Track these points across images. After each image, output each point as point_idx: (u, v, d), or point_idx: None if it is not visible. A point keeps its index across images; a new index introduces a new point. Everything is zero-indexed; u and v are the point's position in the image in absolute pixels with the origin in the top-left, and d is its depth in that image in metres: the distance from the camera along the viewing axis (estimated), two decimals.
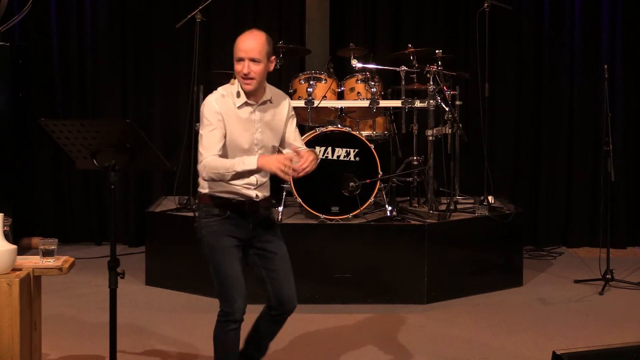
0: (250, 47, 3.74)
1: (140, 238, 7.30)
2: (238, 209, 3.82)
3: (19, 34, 7.48)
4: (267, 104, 3.86)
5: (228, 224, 3.81)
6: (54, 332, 5.03)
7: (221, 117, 3.74)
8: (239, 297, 3.74)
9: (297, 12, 7.60)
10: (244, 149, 3.78)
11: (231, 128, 3.76)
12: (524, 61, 7.66)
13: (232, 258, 3.79)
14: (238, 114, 3.78)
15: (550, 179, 7.69)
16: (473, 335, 5.18)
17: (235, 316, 3.75)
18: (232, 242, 3.80)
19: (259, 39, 3.76)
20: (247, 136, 3.79)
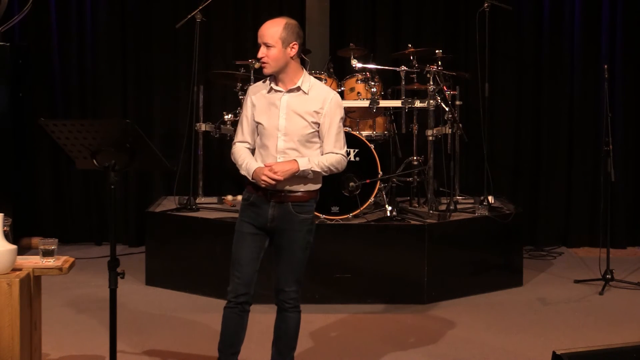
0: (265, 32, 3.91)
1: (140, 238, 7.30)
2: (262, 197, 3.89)
3: (19, 34, 7.48)
4: (299, 92, 3.88)
5: (249, 210, 3.94)
6: (54, 332, 5.03)
7: (252, 103, 3.94)
8: (235, 280, 3.94)
9: (297, 12, 7.59)
10: (268, 133, 3.86)
11: (259, 113, 3.90)
12: (524, 61, 7.66)
13: (243, 243, 3.93)
14: (267, 99, 3.91)
15: (550, 179, 7.69)
16: (473, 335, 5.18)
17: (229, 295, 3.95)
18: (248, 229, 3.93)
19: (275, 25, 3.92)
20: (271, 122, 3.87)
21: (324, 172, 3.92)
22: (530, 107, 7.68)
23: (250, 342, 4.97)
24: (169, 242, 6.25)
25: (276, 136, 3.85)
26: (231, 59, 7.22)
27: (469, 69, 6.98)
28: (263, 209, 3.89)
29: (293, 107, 3.86)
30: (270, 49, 3.85)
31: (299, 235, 3.93)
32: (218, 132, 6.62)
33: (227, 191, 7.15)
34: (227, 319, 3.98)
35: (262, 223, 3.91)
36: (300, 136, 3.86)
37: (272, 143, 3.86)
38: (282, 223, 3.90)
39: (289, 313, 4.02)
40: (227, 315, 3.98)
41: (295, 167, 3.82)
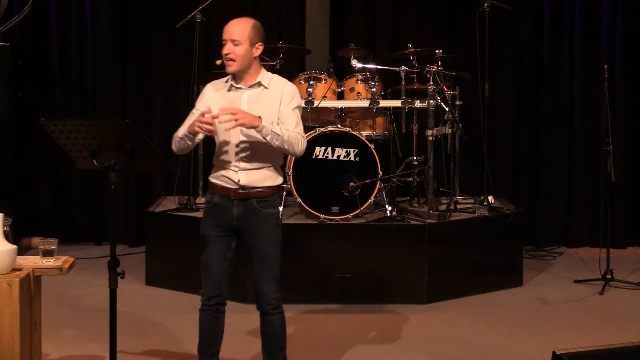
0: (233, 29, 3.91)
1: (140, 238, 7.30)
2: (224, 196, 3.91)
3: (19, 34, 7.48)
4: (259, 87, 3.92)
5: (213, 211, 3.96)
6: (54, 332, 5.03)
7: (210, 99, 3.94)
8: (206, 283, 4.00)
9: (297, 12, 7.60)
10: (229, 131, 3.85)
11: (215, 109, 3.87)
12: (524, 61, 7.66)
13: (209, 248, 3.97)
14: (227, 97, 3.92)
15: (550, 179, 7.69)
16: (473, 335, 5.18)
17: (202, 298, 4.02)
18: (214, 231, 3.95)
19: (244, 24, 3.95)
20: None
21: (283, 141, 3.78)
22: (530, 107, 7.68)
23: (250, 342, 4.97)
24: (169, 242, 6.25)
25: (238, 131, 3.85)
26: None
27: (469, 69, 6.98)
28: (227, 208, 3.90)
29: (254, 103, 3.89)
30: (237, 47, 3.86)
31: (266, 230, 3.92)
32: None
33: None
34: (203, 321, 4.05)
35: (227, 223, 3.92)
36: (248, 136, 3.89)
37: (234, 138, 3.87)
38: (248, 221, 3.90)
39: (272, 316, 4.01)
40: (203, 317, 4.04)
41: (258, 121, 3.73)
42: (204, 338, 4.06)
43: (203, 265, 4.00)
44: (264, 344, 4.09)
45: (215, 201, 3.93)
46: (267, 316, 4.01)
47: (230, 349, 4.83)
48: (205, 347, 4.06)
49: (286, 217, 6.08)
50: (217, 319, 4.04)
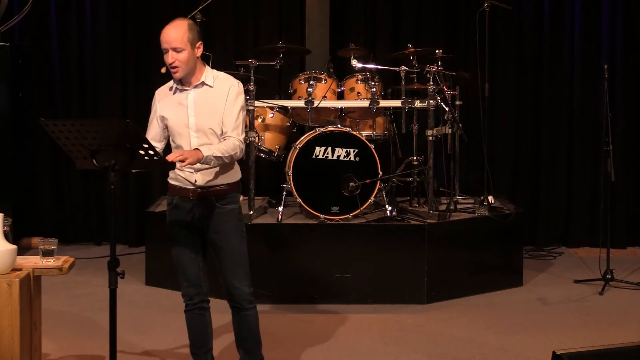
0: (171, 37, 3.88)
1: (140, 238, 7.30)
2: (183, 197, 3.95)
3: (19, 34, 7.48)
4: (203, 87, 3.93)
5: (175, 212, 4.00)
6: (54, 332, 5.03)
7: (157, 106, 3.98)
8: (185, 283, 4.04)
9: (297, 12, 7.60)
10: (180, 132, 3.90)
11: (167, 114, 3.93)
12: (524, 61, 7.66)
13: (179, 247, 4.02)
14: (173, 100, 3.94)
15: (550, 179, 7.69)
16: (473, 335, 5.18)
17: (184, 299, 4.05)
18: (180, 231, 4.00)
19: (180, 28, 3.90)
20: (181, 120, 3.90)
21: (224, 159, 3.82)
22: (530, 107, 7.68)
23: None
24: (169, 242, 6.22)
25: (188, 134, 3.88)
26: (231, 59, 7.21)
27: (469, 69, 6.98)
28: (187, 208, 3.94)
29: (200, 103, 3.90)
30: (180, 53, 3.85)
31: (229, 226, 3.95)
32: None
33: None
34: (190, 321, 4.07)
35: (189, 222, 3.96)
36: (212, 131, 3.89)
37: (185, 142, 3.89)
38: (209, 218, 3.94)
39: (248, 312, 4.03)
40: (189, 318, 4.07)
41: (200, 154, 3.74)
42: (194, 338, 4.08)
43: (178, 268, 4.04)
44: (240, 341, 4.09)
45: (176, 202, 3.98)
46: (243, 312, 4.03)
47: (227, 348, 4.83)
48: (198, 346, 4.08)
49: (286, 217, 6.08)
50: (204, 317, 4.06)
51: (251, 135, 6.12)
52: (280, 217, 5.95)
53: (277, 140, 6.53)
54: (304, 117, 6.39)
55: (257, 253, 5.80)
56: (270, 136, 6.50)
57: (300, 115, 6.50)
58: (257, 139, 6.27)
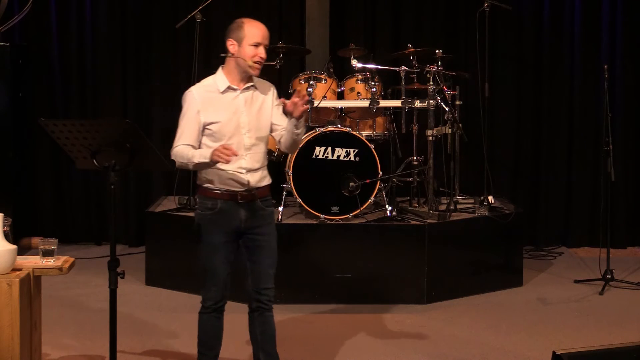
0: (268, 34, 3.92)
1: (140, 238, 7.29)
2: (228, 201, 3.88)
3: (19, 34, 7.48)
4: (252, 89, 3.93)
5: (219, 218, 3.90)
6: (54, 332, 5.03)
7: (199, 107, 3.88)
8: (212, 288, 3.96)
9: (297, 12, 7.59)
10: (232, 133, 3.85)
11: (216, 115, 3.85)
12: (524, 61, 7.66)
13: (216, 254, 3.94)
14: (222, 101, 3.88)
15: (550, 179, 7.69)
16: (473, 335, 5.18)
17: (206, 303, 3.99)
18: (220, 239, 3.91)
19: None
20: (234, 121, 3.87)
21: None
22: (530, 107, 7.68)
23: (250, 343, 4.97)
24: (169, 242, 6.25)
25: (241, 134, 3.86)
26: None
27: (469, 69, 6.98)
28: (234, 212, 3.88)
29: (251, 103, 3.91)
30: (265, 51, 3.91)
31: (271, 228, 3.99)
32: None
33: None
34: (207, 325, 4.03)
35: (234, 227, 3.90)
36: (261, 131, 3.92)
37: (237, 142, 3.86)
38: (254, 221, 3.92)
39: (269, 312, 4.03)
40: (207, 321, 4.03)
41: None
42: (207, 340, 4.04)
43: (210, 273, 3.95)
44: (263, 344, 4.06)
45: (220, 207, 3.88)
46: (267, 313, 4.02)
47: (230, 350, 4.83)
48: (209, 348, 4.04)
49: (286, 217, 6.08)
50: (220, 320, 4.04)
51: None
52: (280, 217, 5.94)
53: None
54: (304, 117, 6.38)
55: None
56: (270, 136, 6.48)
57: None
58: None
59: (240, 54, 3.87)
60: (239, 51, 3.87)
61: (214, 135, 3.86)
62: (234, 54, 3.89)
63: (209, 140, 3.87)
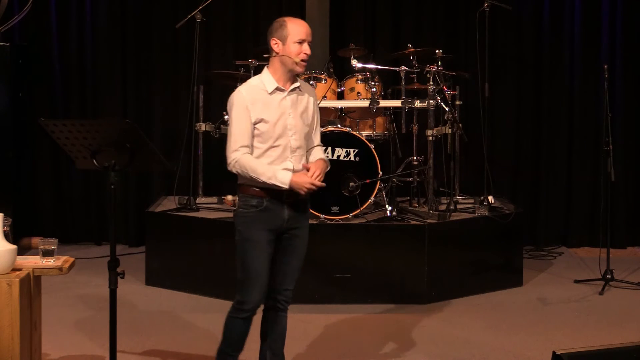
0: (310, 30, 3.90)
1: (140, 238, 7.30)
2: (276, 199, 3.84)
3: (19, 34, 7.48)
4: (297, 91, 3.92)
5: (264, 216, 3.85)
6: (54, 332, 5.03)
7: (249, 107, 3.81)
8: (255, 290, 3.84)
9: (297, 12, 7.58)
10: (280, 134, 3.83)
11: (263, 115, 3.81)
12: (524, 61, 7.66)
13: (260, 253, 3.84)
14: (270, 100, 3.84)
15: (550, 179, 7.69)
16: (473, 335, 5.18)
17: (247, 306, 3.85)
18: (265, 236, 3.85)
19: None
20: (282, 122, 3.84)
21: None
22: (530, 107, 7.68)
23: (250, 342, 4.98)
24: (169, 242, 6.25)
25: (288, 135, 3.85)
26: (231, 59, 7.22)
27: (469, 69, 6.98)
28: (278, 211, 3.85)
29: (297, 105, 3.90)
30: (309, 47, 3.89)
31: (306, 232, 4.00)
32: (218, 132, 6.62)
33: (227, 191, 7.14)
34: (240, 327, 3.91)
35: (277, 226, 3.87)
36: (305, 133, 3.91)
37: (284, 143, 3.84)
38: (295, 222, 3.91)
39: (283, 313, 4.03)
40: (239, 324, 3.90)
41: (326, 164, 3.93)
42: (237, 342, 3.94)
43: (254, 273, 3.83)
44: (271, 342, 4.05)
45: (266, 205, 3.83)
46: (280, 313, 4.01)
47: None
48: (236, 349, 3.97)
49: None
50: (250, 323, 3.96)
51: None
52: None
53: None
54: None
55: None
56: None
57: None
58: None
59: (285, 52, 3.84)
60: (284, 49, 3.84)
61: (261, 136, 3.82)
62: (279, 52, 3.85)
63: (256, 141, 3.83)
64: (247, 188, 3.87)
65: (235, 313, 3.90)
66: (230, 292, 5.81)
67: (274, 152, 3.84)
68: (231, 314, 3.93)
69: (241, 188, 3.90)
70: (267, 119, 3.82)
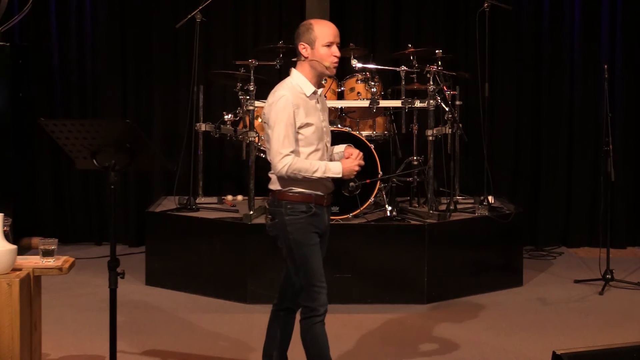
0: (338, 32, 3.86)
1: (140, 238, 7.29)
2: (320, 203, 3.88)
3: (19, 34, 7.48)
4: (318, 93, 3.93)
5: (314, 220, 3.86)
6: (54, 332, 5.03)
7: (295, 111, 3.78)
8: (323, 291, 3.83)
9: (297, 12, 7.60)
10: (320, 137, 3.84)
11: (307, 119, 3.80)
12: (524, 61, 7.66)
13: (318, 254, 3.87)
14: (309, 104, 3.84)
15: (550, 179, 7.69)
16: (473, 335, 5.18)
17: (320, 311, 3.84)
18: (317, 239, 3.88)
19: None
20: (320, 124, 3.86)
21: None
22: (530, 107, 7.68)
23: (250, 342, 4.97)
24: (169, 242, 6.25)
25: (324, 139, 3.89)
26: (231, 59, 7.22)
27: (469, 69, 6.98)
28: (323, 215, 3.91)
29: (324, 108, 3.96)
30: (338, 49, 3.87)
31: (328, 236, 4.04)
32: (218, 132, 6.62)
33: (227, 191, 7.16)
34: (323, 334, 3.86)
35: (322, 230, 3.92)
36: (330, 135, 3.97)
37: (322, 146, 3.87)
38: (328, 226, 3.99)
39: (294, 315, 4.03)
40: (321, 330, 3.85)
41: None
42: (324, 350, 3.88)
43: (318, 275, 3.83)
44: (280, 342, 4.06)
45: (315, 210, 3.85)
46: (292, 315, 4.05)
47: (230, 349, 4.84)
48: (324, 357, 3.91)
49: None
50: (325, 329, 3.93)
51: (251, 135, 6.13)
52: None
53: None
54: None
55: (257, 253, 5.81)
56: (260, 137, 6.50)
57: None
58: (257, 139, 6.26)
59: (314, 57, 3.80)
60: (313, 54, 3.80)
61: (304, 141, 3.80)
62: (308, 57, 3.81)
63: (300, 145, 3.81)
64: (292, 195, 3.82)
65: (310, 321, 3.84)
66: (231, 292, 5.84)
67: (315, 155, 3.83)
68: (307, 326, 3.84)
69: (281, 195, 3.84)
70: (311, 123, 3.80)
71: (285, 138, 3.75)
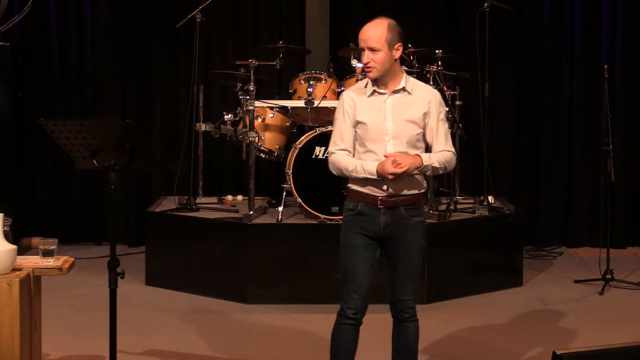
0: (368, 36, 3.78)
1: (140, 238, 7.29)
2: (370, 204, 3.77)
3: (19, 34, 7.48)
4: (402, 93, 3.78)
5: (359, 220, 3.78)
6: (54, 332, 5.03)
7: (352, 109, 3.77)
8: (354, 295, 3.79)
9: (297, 12, 7.60)
10: (375, 138, 3.74)
11: (364, 117, 3.76)
12: (524, 61, 7.66)
13: (356, 256, 3.79)
14: (369, 103, 3.77)
15: (550, 179, 7.69)
16: (473, 335, 5.18)
17: (347, 312, 3.80)
18: (360, 240, 3.79)
19: (379, 28, 3.82)
20: (378, 126, 3.74)
21: (440, 169, 3.77)
22: (530, 107, 7.68)
23: (250, 342, 4.97)
24: (169, 242, 6.25)
25: (384, 140, 3.73)
26: (231, 59, 7.21)
27: (469, 69, 6.98)
28: (374, 217, 3.75)
29: (398, 109, 3.75)
30: (376, 53, 3.72)
31: (414, 240, 3.82)
32: (218, 132, 6.62)
33: (227, 191, 7.16)
34: (346, 336, 3.84)
35: (374, 232, 3.77)
36: (409, 138, 3.75)
37: (379, 148, 3.73)
38: (396, 229, 3.77)
39: (408, 323, 3.91)
40: (345, 332, 3.83)
41: (418, 161, 3.67)
42: (341, 355, 3.86)
43: (351, 277, 3.79)
44: (396, 353, 3.97)
45: (360, 209, 3.76)
46: (404, 323, 3.93)
47: (230, 350, 4.83)
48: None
49: (286, 217, 6.08)
50: (357, 334, 3.88)
51: (251, 135, 6.13)
52: (280, 217, 5.94)
53: (277, 140, 6.53)
54: (304, 117, 6.39)
55: (257, 253, 5.82)
56: (270, 136, 6.49)
57: (300, 115, 6.49)
58: (257, 139, 6.26)
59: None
60: None
61: (359, 139, 3.77)
62: None
63: (357, 144, 3.78)
64: (348, 191, 3.83)
65: (338, 320, 3.84)
66: (230, 292, 5.84)
67: (369, 156, 3.74)
68: (336, 323, 3.85)
69: (346, 189, 3.86)
70: (365, 121, 3.74)
71: (336, 134, 3.81)
